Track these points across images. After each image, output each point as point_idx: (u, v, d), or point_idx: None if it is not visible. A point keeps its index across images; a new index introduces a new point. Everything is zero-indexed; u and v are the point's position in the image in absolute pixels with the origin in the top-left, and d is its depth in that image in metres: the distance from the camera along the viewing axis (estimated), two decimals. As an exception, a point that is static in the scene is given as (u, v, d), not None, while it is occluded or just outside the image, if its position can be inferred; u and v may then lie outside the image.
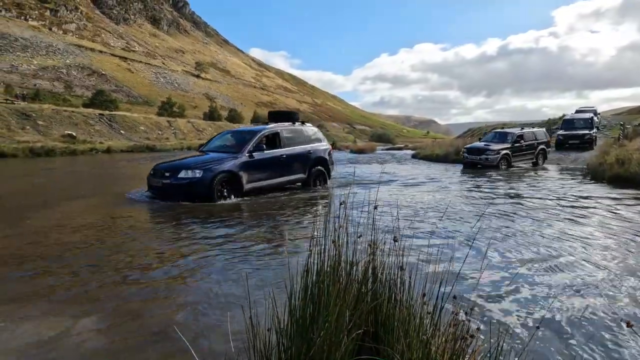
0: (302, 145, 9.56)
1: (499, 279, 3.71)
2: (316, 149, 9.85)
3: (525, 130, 17.66)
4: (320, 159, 9.96)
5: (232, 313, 2.86)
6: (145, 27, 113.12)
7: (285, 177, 9.20)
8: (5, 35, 64.16)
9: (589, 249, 4.69)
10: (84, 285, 3.50)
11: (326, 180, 10.19)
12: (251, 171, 8.37)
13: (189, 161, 8.28)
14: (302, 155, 9.53)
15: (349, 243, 1.90)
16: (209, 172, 7.70)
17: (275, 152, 8.97)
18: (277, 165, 8.94)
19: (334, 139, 59.16)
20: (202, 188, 7.60)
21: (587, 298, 3.28)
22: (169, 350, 2.39)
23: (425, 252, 3.67)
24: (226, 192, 7.97)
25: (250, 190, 8.39)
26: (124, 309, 3.00)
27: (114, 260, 4.21)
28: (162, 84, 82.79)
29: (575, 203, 8.00)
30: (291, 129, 9.56)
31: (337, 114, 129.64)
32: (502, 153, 16.22)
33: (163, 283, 3.58)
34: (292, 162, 9.29)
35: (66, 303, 3.11)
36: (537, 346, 2.51)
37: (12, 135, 28.26)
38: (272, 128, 9.21)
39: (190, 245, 4.89)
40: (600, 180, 11.57)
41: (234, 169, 8.07)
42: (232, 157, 8.24)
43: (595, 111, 29.25)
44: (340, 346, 1.62)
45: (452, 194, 9.39)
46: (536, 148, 17.40)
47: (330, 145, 10.58)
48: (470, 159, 16.88)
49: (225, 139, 9.64)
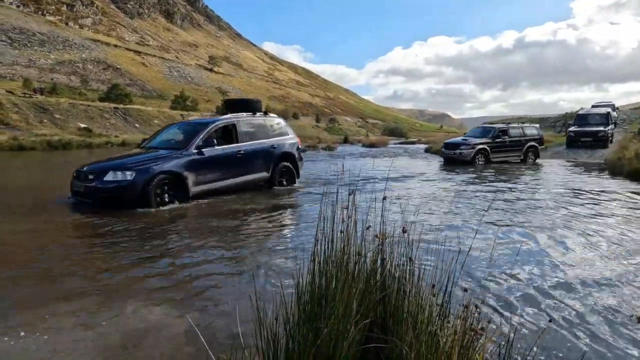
0: (264, 139, 8.34)
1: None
2: (281, 143, 8.64)
3: (511, 126, 17.03)
4: (287, 155, 8.75)
5: (241, 303, 2.87)
6: (159, 21, 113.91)
7: (243, 177, 7.93)
8: (23, 30, 65.27)
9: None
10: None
11: (294, 178, 9.00)
12: (200, 171, 7.12)
13: (120, 161, 6.92)
14: (265, 150, 8.28)
15: (357, 234, 1.88)
16: (143, 174, 6.42)
17: (231, 147, 7.74)
18: (233, 162, 7.72)
19: (346, 133, 58.96)
20: (134, 193, 6.34)
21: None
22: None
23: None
24: (167, 196, 6.70)
25: (198, 193, 7.15)
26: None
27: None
28: (175, 77, 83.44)
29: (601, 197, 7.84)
30: (251, 121, 8.33)
31: (350, 108, 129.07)
32: (477, 148, 15.61)
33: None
34: (252, 159, 8.05)
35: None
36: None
37: (31, 129, 28.85)
38: (227, 119, 7.99)
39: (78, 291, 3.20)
40: (618, 175, 11.33)
41: (176, 168, 6.77)
42: (176, 154, 6.94)
43: (613, 106, 27.60)
44: (348, 336, 1.61)
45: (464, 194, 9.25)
46: (524, 145, 16.66)
47: (298, 138, 9.37)
48: (447, 154, 16.47)
49: (172, 133, 8.30)
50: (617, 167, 11.84)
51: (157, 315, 2.74)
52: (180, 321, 2.65)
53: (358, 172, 9.92)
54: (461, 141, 16.53)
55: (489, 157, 15.77)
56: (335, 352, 1.60)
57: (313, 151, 27.44)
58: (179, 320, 2.67)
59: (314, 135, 54.97)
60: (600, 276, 3.60)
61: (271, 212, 6.58)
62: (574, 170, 13.46)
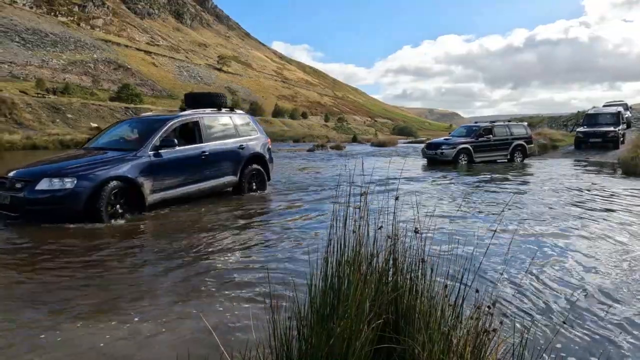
0: (231, 139, 7.40)
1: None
2: (250, 144, 7.71)
3: (496, 124, 16.37)
4: (256, 156, 7.82)
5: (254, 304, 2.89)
6: (169, 22, 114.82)
7: (208, 182, 6.92)
8: (36, 31, 66.25)
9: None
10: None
11: (264, 183, 8.10)
12: (158, 176, 6.04)
13: (56, 165, 5.72)
14: (232, 151, 7.33)
15: (369, 233, 1.89)
16: (87, 181, 5.24)
17: (194, 148, 6.74)
18: (197, 165, 6.71)
19: (355, 132, 58.91)
20: (76, 205, 5.15)
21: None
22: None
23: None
24: (120, 207, 5.59)
25: (157, 202, 6.10)
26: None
27: None
28: (185, 77, 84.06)
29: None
30: (216, 118, 7.38)
31: (359, 107, 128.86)
32: (458, 148, 15.08)
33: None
34: (218, 161, 7.07)
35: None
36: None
37: (44, 128, 29.31)
38: (189, 115, 6.98)
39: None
40: (632, 175, 11.16)
41: (129, 174, 5.63)
42: (128, 156, 5.81)
43: (626, 105, 26.32)
44: (361, 335, 1.62)
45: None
46: (511, 144, 16.05)
47: (268, 138, 8.40)
48: (429, 154, 15.90)
49: (122, 131, 7.15)
50: (631, 166, 11.66)
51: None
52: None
53: (370, 173, 9.26)
54: (443, 141, 16.09)
55: (472, 157, 15.25)
56: (348, 351, 1.61)
57: (322, 150, 27.46)
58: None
59: (323, 134, 54.99)
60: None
61: (247, 224, 5.58)
62: (588, 171, 13.28)
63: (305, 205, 7.01)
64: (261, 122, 60.43)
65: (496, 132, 15.94)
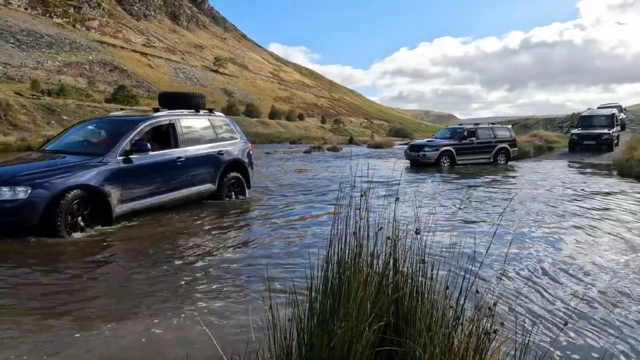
0: (209, 143, 6.83)
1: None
2: (230, 149, 7.19)
3: (479, 127, 16.32)
4: (236, 163, 7.27)
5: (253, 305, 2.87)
6: (165, 23, 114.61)
7: (184, 191, 6.28)
8: (31, 32, 65.93)
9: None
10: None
11: (244, 190, 7.50)
12: (127, 184, 5.41)
13: (6, 168, 5.05)
14: (211, 157, 6.76)
15: (369, 235, 1.88)
16: (45, 189, 4.60)
17: (169, 153, 6.12)
18: (172, 172, 6.09)
19: (352, 134, 58.97)
20: (31, 217, 4.53)
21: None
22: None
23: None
24: (82, 220, 4.91)
25: (126, 213, 5.43)
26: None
27: None
28: (181, 79, 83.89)
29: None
30: (194, 120, 6.80)
31: (355, 109, 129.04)
32: (441, 150, 15.03)
33: None
34: (196, 168, 6.48)
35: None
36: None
37: (39, 130, 29.14)
38: (164, 117, 6.31)
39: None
40: (627, 176, 11.24)
41: (94, 182, 4.98)
42: (93, 162, 5.14)
43: (621, 107, 26.28)
44: (362, 338, 1.61)
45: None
46: (494, 147, 16.00)
47: (249, 142, 7.86)
48: (411, 156, 15.81)
49: (86, 132, 6.40)
50: (626, 168, 11.75)
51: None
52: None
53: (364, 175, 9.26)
54: (426, 143, 16.06)
55: (455, 160, 15.20)
56: (350, 354, 1.60)
57: (319, 152, 27.46)
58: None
59: (319, 136, 55.00)
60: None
61: (230, 240, 4.93)
62: (583, 172, 13.35)
63: (285, 218, 6.13)
64: (258, 124, 59.92)
65: (480, 135, 15.90)
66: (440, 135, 16.96)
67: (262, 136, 51.40)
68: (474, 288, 1.95)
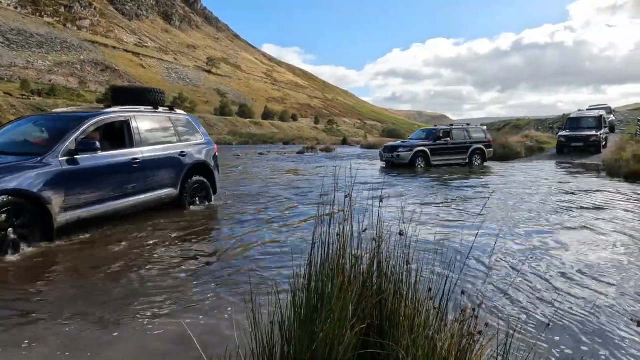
0: (170, 144, 6.23)
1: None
2: (194, 150, 6.58)
3: (454, 127, 16.18)
4: (201, 165, 6.68)
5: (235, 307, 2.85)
6: (157, 23, 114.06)
7: (142, 196, 5.60)
8: (21, 31, 65.26)
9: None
10: None
11: (210, 196, 6.91)
12: (72, 188, 4.72)
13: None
14: (172, 159, 6.15)
15: (353, 236, 1.87)
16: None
17: (122, 153, 5.41)
18: (126, 176, 5.41)
19: (345, 135, 59.13)
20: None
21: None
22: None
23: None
24: (15, 234, 4.08)
25: (72, 223, 4.67)
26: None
27: None
28: (174, 79, 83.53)
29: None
30: (152, 117, 6.14)
31: (348, 110, 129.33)
32: (415, 150, 14.82)
33: None
34: (154, 171, 5.85)
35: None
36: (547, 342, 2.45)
37: (28, 130, 28.83)
38: (116, 114, 5.60)
39: None
40: (616, 176, 11.37)
41: (29, 185, 4.26)
42: (30, 163, 4.44)
43: (610, 108, 26.72)
44: (344, 340, 1.60)
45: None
46: (469, 148, 15.83)
47: (214, 143, 7.26)
48: (386, 157, 15.52)
49: (23, 130, 5.64)
50: (615, 168, 11.88)
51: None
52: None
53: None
54: (400, 143, 15.94)
55: (430, 161, 15.02)
56: (331, 356, 1.58)
57: (312, 152, 27.46)
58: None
59: (313, 136, 55.07)
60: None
61: (194, 252, 4.33)
62: (571, 173, 13.47)
63: (251, 229, 5.43)
64: (251, 124, 59.58)
65: (454, 136, 15.74)
66: (415, 136, 16.77)
67: (255, 137, 51.36)
68: (459, 289, 1.94)
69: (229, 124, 57.51)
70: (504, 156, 18.84)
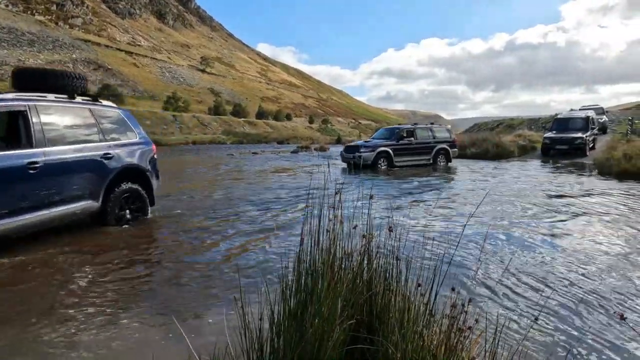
0: (90, 143, 4.97)
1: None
2: (123, 151, 5.36)
3: (418, 127, 15.62)
4: (132, 170, 5.46)
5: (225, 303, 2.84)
6: (150, 22, 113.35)
7: (44, 212, 4.33)
8: (12, 29, 64.55)
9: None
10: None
11: (145, 208, 5.66)
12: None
13: None
14: (90, 162, 4.90)
15: (343, 232, 1.87)
16: None
17: (15, 155, 4.13)
18: (21, 184, 4.14)
19: (339, 134, 59.10)
20: None
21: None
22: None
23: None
24: None
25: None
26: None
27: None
28: (167, 78, 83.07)
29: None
30: (64, 109, 4.81)
31: (343, 109, 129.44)
32: (377, 150, 14.19)
33: None
34: (64, 177, 4.58)
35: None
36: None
37: (19, 129, 28.49)
38: (7, 102, 4.25)
39: None
40: (607, 175, 11.48)
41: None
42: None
43: (602, 109, 26.02)
44: (332, 336, 1.60)
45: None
46: (433, 148, 15.37)
47: (153, 144, 6.01)
48: (347, 158, 14.72)
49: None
50: (606, 167, 12.02)
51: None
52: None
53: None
54: (362, 143, 15.36)
55: (392, 161, 14.42)
56: (320, 352, 1.58)
57: (306, 152, 27.45)
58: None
59: (307, 136, 55.03)
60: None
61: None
62: (562, 171, 13.58)
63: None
64: (245, 124, 59.15)
65: (418, 135, 15.24)
66: (378, 135, 16.17)
67: (249, 136, 51.27)
68: (450, 284, 1.95)
69: (223, 124, 57.33)
70: (497, 155, 18.90)
